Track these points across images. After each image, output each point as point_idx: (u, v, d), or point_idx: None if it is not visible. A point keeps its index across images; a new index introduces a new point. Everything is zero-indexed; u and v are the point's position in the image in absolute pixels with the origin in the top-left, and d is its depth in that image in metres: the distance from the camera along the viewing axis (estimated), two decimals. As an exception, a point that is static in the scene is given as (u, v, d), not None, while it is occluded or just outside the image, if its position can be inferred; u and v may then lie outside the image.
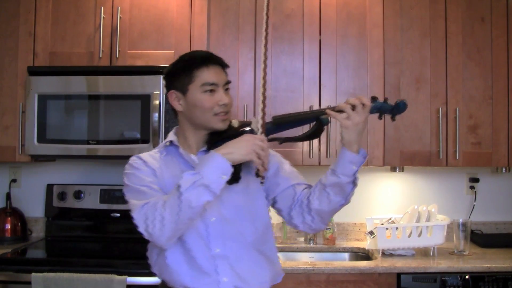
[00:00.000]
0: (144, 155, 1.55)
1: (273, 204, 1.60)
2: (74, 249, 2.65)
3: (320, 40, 2.57)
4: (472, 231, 2.68)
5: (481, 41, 2.58)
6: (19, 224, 2.75)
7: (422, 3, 2.58)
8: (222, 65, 1.54)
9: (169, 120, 2.44)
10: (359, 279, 2.23)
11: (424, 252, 2.51)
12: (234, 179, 1.43)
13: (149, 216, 1.38)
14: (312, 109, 1.46)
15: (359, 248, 2.70)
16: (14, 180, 2.90)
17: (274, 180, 1.56)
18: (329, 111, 1.42)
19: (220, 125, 1.50)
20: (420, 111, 2.56)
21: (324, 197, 1.46)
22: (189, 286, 1.45)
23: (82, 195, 2.78)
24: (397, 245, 2.43)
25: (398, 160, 2.55)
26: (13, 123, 2.54)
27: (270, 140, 1.49)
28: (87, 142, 2.47)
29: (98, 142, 2.47)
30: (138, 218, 1.41)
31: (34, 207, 2.90)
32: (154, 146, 2.41)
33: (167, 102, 2.44)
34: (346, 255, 2.71)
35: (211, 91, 1.48)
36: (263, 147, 1.37)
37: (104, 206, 2.77)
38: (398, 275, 2.25)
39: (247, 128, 1.50)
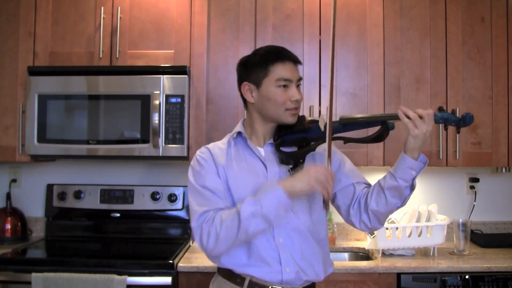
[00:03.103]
0: (213, 147, 1.61)
1: (332, 199, 1.64)
2: (74, 249, 2.64)
3: (320, 40, 2.57)
4: (472, 231, 2.68)
5: (481, 41, 2.58)
6: (19, 224, 2.75)
7: (422, 3, 2.58)
8: (296, 61, 1.58)
9: (169, 120, 2.44)
10: (359, 279, 2.23)
11: (424, 252, 2.51)
12: (299, 167, 1.49)
13: (205, 229, 1.45)
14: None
15: (359, 248, 2.70)
16: (14, 180, 2.91)
17: (336, 177, 1.58)
18: (402, 115, 1.43)
19: (290, 120, 1.55)
20: (420, 111, 2.56)
21: (382, 199, 1.51)
22: (252, 275, 1.50)
23: (82, 195, 2.78)
24: (397, 245, 2.43)
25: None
26: (13, 123, 2.54)
27: (335, 138, 1.53)
28: (87, 142, 2.47)
29: (98, 142, 2.47)
30: (195, 228, 1.48)
31: (34, 207, 2.90)
32: (154, 146, 2.42)
33: (167, 102, 2.45)
34: (346, 255, 2.71)
35: (284, 86, 1.53)
36: (327, 177, 1.40)
37: (104, 206, 2.77)
38: (398, 275, 2.25)
39: (314, 124, 1.55)
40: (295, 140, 1.57)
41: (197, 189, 1.52)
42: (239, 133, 1.62)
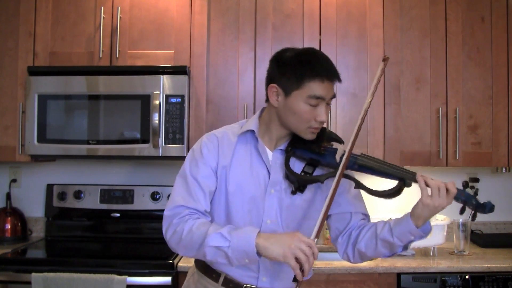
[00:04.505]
0: (222, 137, 1.51)
1: (327, 218, 1.56)
2: (74, 249, 2.64)
3: (320, 40, 2.57)
4: (472, 231, 2.68)
5: (481, 41, 2.58)
6: (19, 224, 2.75)
7: (422, 3, 2.58)
8: (335, 79, 1.44)
9: (169, 120, 2.44)
10: (359, 279, 2.23)
11: (424, 252, 2.51)
12: (300, 190, 1.44)
13: (173, 224, 1.41)
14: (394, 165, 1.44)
15: (359, 248, 2.70)
16: (14, 180, 2.90)
17: (337, 199, 1.48)
18: (420, 180, 1.35)
19: (309, 137, 1.46)
20: (420, 111, 2.56)
21: (372, 245, 1.46)
22: (230, 274, 1.49)
23: (82, 195, 2.78)
24: (397, 245, 2.43)
25: (398, 160, 2.54)
26: (13, 123, 2.54)
27: (348, 177, 1.45)
28: (87, 142, 2.47)
29: (98, 142, 2.47)
30: (166, 217, 1.44)
31: (34, 207, 2.90)
32: (154, 146, 2.41)
33: (167, 102, 2.45)
34: (346, 255, 2.71)
35: (314, 105, 1.40)
36: (307, 254, 1.27)
37: (104, 206, 2.77)
38: (398, 275, 2.25)
39: (329, 152, 1.45)
40: (307, 158, 1.49)
41: (187, 178, 1.46)
42: (251, 131, 1.52)
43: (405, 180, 1.39)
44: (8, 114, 2.55)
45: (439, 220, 2.47)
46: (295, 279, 1.30)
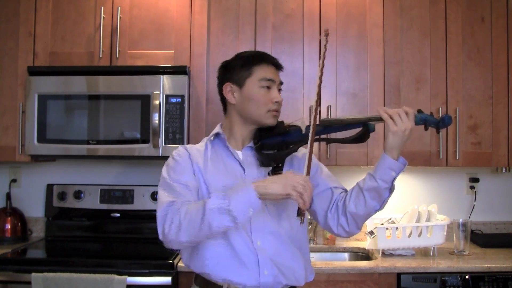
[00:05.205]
0: (191, 147, 1.60)
1: (309, 206, 1.59)
2: (74, 249, 2.64)
3: (320, 40, 2.57)
4: (472, 231, 2.68)
5: (481, 41, 2.58)
6: (19, 224, 2.75)
7: (422, 3, 2.58)
8: (278, 67, 1.61)
9: (169, 120, 2.44)
10: (359, 279, 2.23)
11: (424, 252, 2.51)
12: (279, 169, 1.49)
13: (168, 217, 1.41)
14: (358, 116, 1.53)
15: (359, 248, 2.70)
16: (14, 180, 2.91)
17: (313, 181, 1.56)
18: (382, 112, 1.45)
19: (271, 121, 1.56)
20: (420, 111, 2.56)
21: (361, 201, 1.50)
22: (230, 279, 1.48)
23: (82, 195, 2.78)
24: (397, 245, 2.43)
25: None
26: (13, 123, 2.54)
27: (318, 140, 1.54)
28: (87, 142, 2.47)
29: (98, 142, 2.47)
30: (160, 217, 1.44)
31: (34, 207, 2.90)
32: (154, 146, 2.42)
33: (167, 102, 2.45)
34: (346, 255, 2.71)
35: (267, 87, 1.55)
36: (304, 185, 1.34)
37: (104, 206, 2.77)
38: (398, 275, 2.25)
39: (294, 128, 1.56)
40: (276, 144, 1.56)
41: (168, 182, 1.50)
42: (217, 135, 1.61)
43: (367, 123, 1.51)
44: (8, 114, 2.55)
45: (439, 220, 2.47)
46: (298, 213, 1.37)
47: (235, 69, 1.58)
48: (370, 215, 1.54)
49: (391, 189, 1.50)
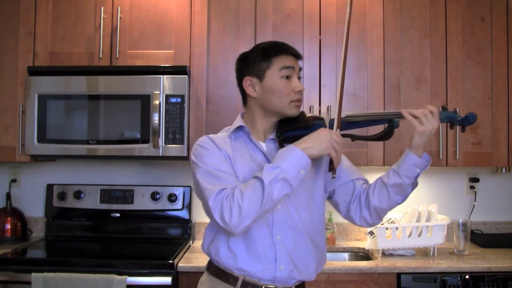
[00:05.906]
0: (215, 137, 1.57)
1: (330, 196, 1.65)
2: (74, 249, 2.64)
3: (320, 40, 2.57)
4: (472, 231, 2.68)
5: (481, 41, 2.58)
6: (19, 224, 2.75)
7: (422, 3, 2.58)
8: (297, 56, 1.58)
9: (169, 120, 2.44)
10: (359, 279, 2.23)
11: (424, 252, 2.51)
12: (331, 168, 1.48)
13: (225, 205, 1.38)
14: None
15: (359, 248, 2.70)
16: (14, 180, 2.91)
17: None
18: (406, 114, 1.46)
19: (294, 111, 1.55)
20: (420, 111, 2.56)
21: (385, 196, 1.53)
22: (247, 270, 1.48)
23: (82, 195, 2.78)
24: (397, 245, 2.43)
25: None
26: (13, 123, 2.54)
27: (343, 136, 1.53)
28: (87, 142, 2.47)
29: (98, 142, 2.47)
30: (214, 206, 1.40)
31: (34, 207, 2.90)
32: (154, 146, 2.41)
33: (167, 102, 2.45)
34: (346, 255, 2.71)
35: (287, 77, 1.52)
36: (339, 142, 1.42)
37: (104, 206, 2.77)
38: (398, 275, 2.25)
39: (318, 122, 1.54)
40: (299, 136, 1.52)
41: (208, 170, 1.45)
42: (240, 127, 1.58)
43: (392, 120, 1.51)
44: (8, 114, 2.55)
45: (439, 220, 2.47)
46: (331, 168, 1.44)
47: (254, 62, 1.54)
48: (392, 208, 1.57)
49: (414, 185, 1.52)
